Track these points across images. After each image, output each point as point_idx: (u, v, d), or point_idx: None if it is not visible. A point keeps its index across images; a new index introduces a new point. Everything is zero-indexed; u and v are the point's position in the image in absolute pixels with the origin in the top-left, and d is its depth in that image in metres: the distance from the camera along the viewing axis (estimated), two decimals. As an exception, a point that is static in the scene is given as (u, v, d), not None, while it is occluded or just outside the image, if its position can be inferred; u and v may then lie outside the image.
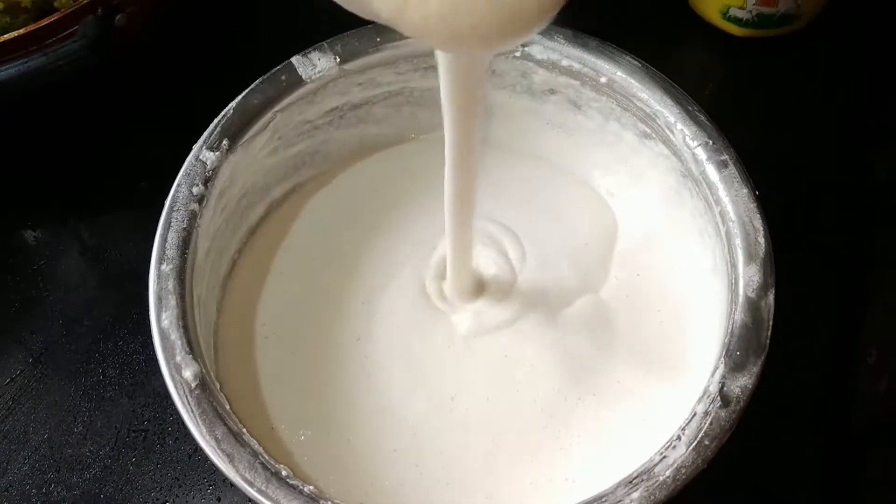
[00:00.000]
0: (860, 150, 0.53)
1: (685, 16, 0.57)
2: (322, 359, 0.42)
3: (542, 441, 0.39)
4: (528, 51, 0.43)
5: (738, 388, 0.34)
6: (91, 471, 0.43)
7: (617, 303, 0.43)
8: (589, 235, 0.45)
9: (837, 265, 0.49)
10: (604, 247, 0.45)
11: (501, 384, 0.40)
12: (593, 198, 0.47)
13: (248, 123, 0.41)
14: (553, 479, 0.38)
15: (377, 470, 0.38)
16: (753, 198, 0.38)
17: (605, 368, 0.41)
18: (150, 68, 0.56)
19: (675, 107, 0.40)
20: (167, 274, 0.37)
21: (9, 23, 0.52)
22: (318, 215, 0.46)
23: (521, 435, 0.39)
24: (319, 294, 0.44)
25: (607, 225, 0.46)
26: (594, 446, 0.39)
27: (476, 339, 0.41)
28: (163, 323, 0.35)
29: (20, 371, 0.46)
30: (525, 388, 0.40)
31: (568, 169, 0.48)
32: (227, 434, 0.33)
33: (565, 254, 0.44)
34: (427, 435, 0.39)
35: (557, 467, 0.38)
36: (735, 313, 0.35)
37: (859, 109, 0.54)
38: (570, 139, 0.47)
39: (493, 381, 0.40)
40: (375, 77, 0.44)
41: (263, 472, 0.32)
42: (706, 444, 0.33)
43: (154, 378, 0.46)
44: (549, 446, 0.39)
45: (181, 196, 0.38)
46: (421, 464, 0.38)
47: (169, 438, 0.44)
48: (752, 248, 0.37)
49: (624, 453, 0.37)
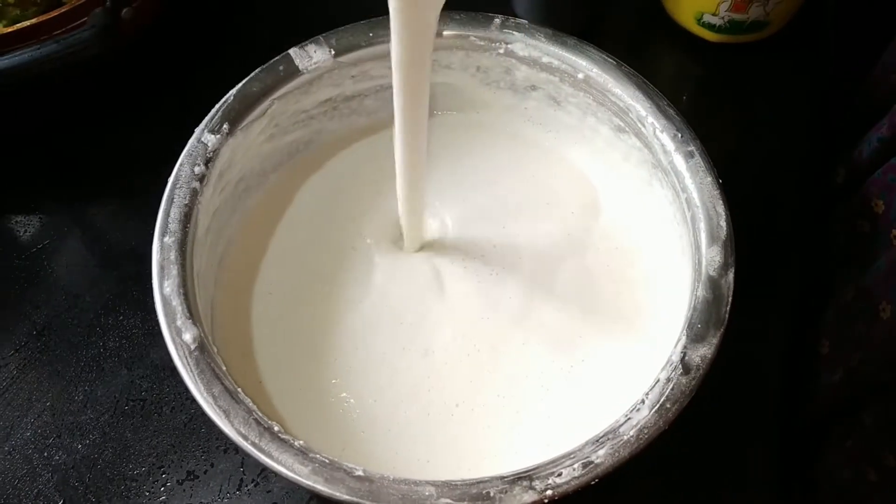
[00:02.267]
0: (825, 151, 0.56)
1: (661, 22, 0.60)
2: (309, 322, 0.44)
3: (518, 397, 0.42)
4: (511, 48, 0.46)
5: (699, 358, 0.36)
6: (91, 437, 0.46)
7: (600, 269, 0.45)
8: (574, 205, 0.48)
9: (796, 254, 0.52)
10: (588, 217, 0.47)
11: (480, 338, 0.43)
12: (579, 177, 0.49)
13: (248, 109, 0.43)
14: (527, 441, 0.40)
15: (355, 422, 0.41)
16: (717, 185, 0.41)
17: (585, 332, 0.43)
18: (153, 59, 0.59)
19: (647, 101, 0.43)
20: (169, 245, 0.39)
21: (19, 15, 0.54)
22: (310, 197, 0.48)
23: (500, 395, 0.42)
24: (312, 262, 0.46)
25: (591, 199, 0.48)
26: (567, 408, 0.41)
27: (457, 288, 0.45)
28: (165, 290, 0.38)
29: (25, 342, 0.49)
30: (506, 346, 0.43)
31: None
32: (223, 392, 0.35)
33: (555, 218, 0.47)
34: (405, 386, 0.42)
35: (536, 428, 0.41)
36: (698, 290, 0.38)
37: (824, 112, 0.57)
38: (549, 134, 0.50)
39: (473, 335, 0.43)
40: (368, 70, 0.47)
41: (257, 427, 0.35)
42: (667, 407, 0.35)
43: (153, 351, 0.48)
44: (525, 403, 0.42)
45: (184, 174, 0.41)
46: (397, 413, 0.41)
47: (166, 408, 0.46)
48: (714, 231, 0.40)
49: (595, 416, 0.39)
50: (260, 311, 0.44)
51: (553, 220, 0.47)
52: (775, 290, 0.50)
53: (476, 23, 0.46)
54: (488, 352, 0.43)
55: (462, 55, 0.47)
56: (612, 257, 0.46)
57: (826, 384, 0.48)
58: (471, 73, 0.48)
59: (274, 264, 0.46)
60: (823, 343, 0.49)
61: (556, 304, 0.44)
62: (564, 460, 0.34)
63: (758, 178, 0.54)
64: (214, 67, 0.58)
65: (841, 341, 0.48)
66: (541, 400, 0.42)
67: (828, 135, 0.57)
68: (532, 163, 0.50)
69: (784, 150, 0.55)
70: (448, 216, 0.48)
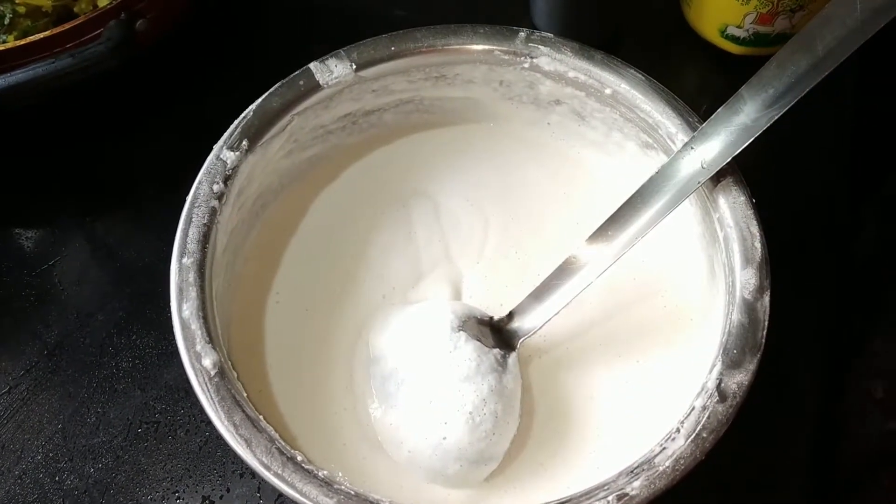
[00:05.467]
0: (856, 163, 0.55)
1: (684, 34, 0.59)
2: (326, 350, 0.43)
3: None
4: (537, 62, 0.45)
5: (735, 385, 0.35)
6: (103, 460, 0.44)
7: (626, 283, 0.44)
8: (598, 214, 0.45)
9: (830, 274, 0.50)
10: None
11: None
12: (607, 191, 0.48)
13: (267, 125, 0.42)
14: (547, 464, 0.40)
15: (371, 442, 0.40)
16: (750, 205, 0.39)
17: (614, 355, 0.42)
18: (167, 72, 0.58)
19: (677, 118, 0.42)
20: (188, 267, 0.38)
21: (30, 26, 0.53)
22: (324, 210, 0.47)
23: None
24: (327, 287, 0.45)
25: None
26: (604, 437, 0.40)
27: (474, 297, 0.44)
28: (184, 313, 0.37)
29: (36, 362, 0.47)
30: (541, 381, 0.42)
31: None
32: (244, 420, 0.34)
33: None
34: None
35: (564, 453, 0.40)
36: (732, 314, 0.37)
37: (855, 123, 0.56)
38: (573, 150, 0.49)
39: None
40: (389, 84, 0.46)
41: (280, 457, 0.34)
42: (704, 436, 0.34)
43: (166, 371, 0.47)
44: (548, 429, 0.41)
45: (202, 193, 0.40)
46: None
47: (181, 430, 0.45)
48: (748, 252, 0.38)
49: (627, 445, 0.38)
50: (273, 325, 0.43)
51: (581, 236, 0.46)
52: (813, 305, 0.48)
53: (501, 36, 0.45)
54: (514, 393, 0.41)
55: (485, 69, 0.46)
56: (639, 277, 0.45)
57: (883, 431, 0.46)
58: (493, 87, 0.47)
59: (288, 277, 0.45)
60: (876, 388, 0.47)
61: (583, 327, 0.43)
62: (598, 492, 0.33)
63: (787, 191, 0.52)
64: (229, 80, 0.58)
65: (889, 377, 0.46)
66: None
67: (860, 146, 0.55)
68: (559, 176, 0.49)
69: (814, 162, 0.54)
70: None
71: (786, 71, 0.37)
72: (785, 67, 0.37)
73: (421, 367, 0.40)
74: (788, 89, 0.37)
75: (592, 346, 0.43)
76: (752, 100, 0.38)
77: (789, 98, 0.37)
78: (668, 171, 0.40)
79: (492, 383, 0.39)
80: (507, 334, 0.42)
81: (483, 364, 0.39)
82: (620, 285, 0.44)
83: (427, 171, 0.49)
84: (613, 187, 0.47)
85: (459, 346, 0.40)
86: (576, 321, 0.43)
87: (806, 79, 0.36)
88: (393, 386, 0.40)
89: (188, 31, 0.57)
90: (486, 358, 0.40)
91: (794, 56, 0.37)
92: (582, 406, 0.42)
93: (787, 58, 0.37)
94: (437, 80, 0.47)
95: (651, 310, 0.44)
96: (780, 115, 0.37)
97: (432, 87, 0.47)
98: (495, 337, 0.42)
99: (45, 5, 0.54)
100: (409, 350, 0.40)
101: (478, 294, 0.45)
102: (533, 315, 0.41)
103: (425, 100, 0.48)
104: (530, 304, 0.42)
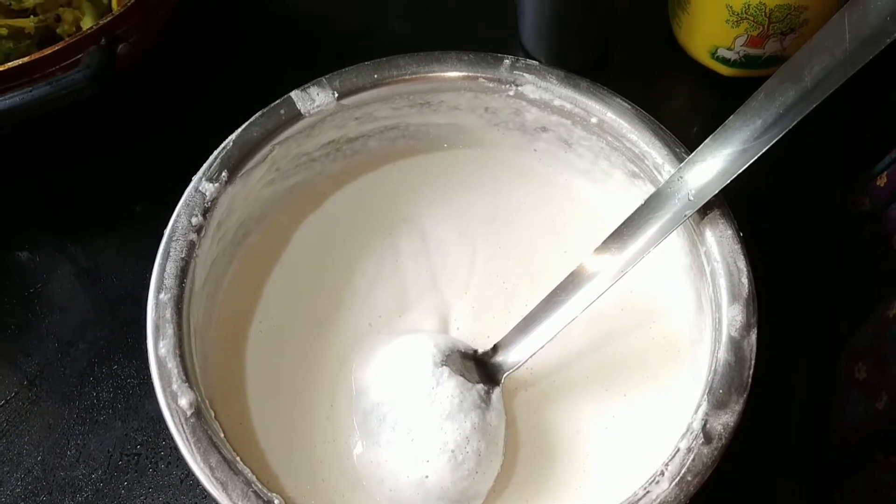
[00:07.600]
0: (844, 191, 0.54)
1: (674, 54, 0.58)
2: (309, 381, 0.43)
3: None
4: (521, 90, 0.44)
5: (721, 426, 0.35)
6: (83, 494, 0.44)
7: (614, 313, 0.44)
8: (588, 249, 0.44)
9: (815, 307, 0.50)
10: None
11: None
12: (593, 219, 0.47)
13: (247, 156, 0.42)
14: (532, 502, 0.39)
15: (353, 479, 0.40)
16: (738, 239, 0.39)
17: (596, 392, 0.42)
18: (148, 96, 0.57)
19: (664, 148, 0.41)
20: (165, 303, 0.37)
21: (12, 48, 0.53)
22: (308, 237, 0.47)
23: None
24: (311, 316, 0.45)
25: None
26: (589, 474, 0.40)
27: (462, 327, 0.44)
28: (160, 351, 0.36)
29: (15, 393, 0.47)
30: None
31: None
32: (221, 462, 0.34)
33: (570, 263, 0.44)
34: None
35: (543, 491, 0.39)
36: (718, 352, 0.36)
37: (843, 150, 0.56)
38: (560, 176, 0.48)
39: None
40: (372, 112, 0.45)
41: (256, 501, 0.33)
42: (688, 479, 0.34)
43: (147, 402, 0.46)
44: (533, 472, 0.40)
45: (180, 226, 0.39)
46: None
47: (161, 462, 0.45)
48: (735, 288, 0.38)
49: (612, 484, 0.38)
50: (254, 357, 0.43)
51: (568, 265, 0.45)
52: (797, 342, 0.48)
53: (486, 64, 0.44)
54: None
55: (470, 97, 0.45)
56: (626, 308, 0.44)
57: (868, 412, 0.45)
58: (478, 114, 0.47)
59: (270, 306, 0.44)
60: (860, 367, 0.46)
61: (570, 358, 0.42)
62: (580, 537, 0.33)
63: (774, 222, 0.52)
64: (213, 102, 0.57)
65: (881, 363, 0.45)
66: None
67: (848, 174, 0.55)
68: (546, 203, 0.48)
69: (803, 191, 0.54)
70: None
71: (774, 102, 0.36)
72: (773, 98, 0.36)
73: (403, 403, 0.39)
74: (777, 120, 0.36)
75: (579, 378, 0.43)
76: (741, 130, 0.37)
77: (778, 129, 0.36)
78: (656, 202, 0.39)
79: (475, 420, 0.38)
80: (492, 368, 0.41)
81: (466, 401, 0.39)
82: (608, 316, 0.44)
83: (413, 197, 0.48)
84: (601, 215, 0.47)
85: (442, 383, 0.39)
86: (563, 352, 0.43)
87: (795, 110, 0.36)
88: (375, 422, 0.39)
89: (171, 54, 0.56)
90: (470, 394, 0.39)
91: (782, 86, 0.36)
92: (568, 441, 0.41)
93: (774, 88, 0.36)
94: (421, 107, 0.46)
95: (639, 342, 0.43)
96: (769, 146, 0.37)
97: (417, 113, 0.46)
98: (480, 371, 0.41)
99: (27, 27, 0.53)
100: (392, 385, 0.40)
101: (465, 325, 0.45)
102: (518, 349, 0.41)
103: (410, 126, 0.47)
104: (515, 338, 0.41)
